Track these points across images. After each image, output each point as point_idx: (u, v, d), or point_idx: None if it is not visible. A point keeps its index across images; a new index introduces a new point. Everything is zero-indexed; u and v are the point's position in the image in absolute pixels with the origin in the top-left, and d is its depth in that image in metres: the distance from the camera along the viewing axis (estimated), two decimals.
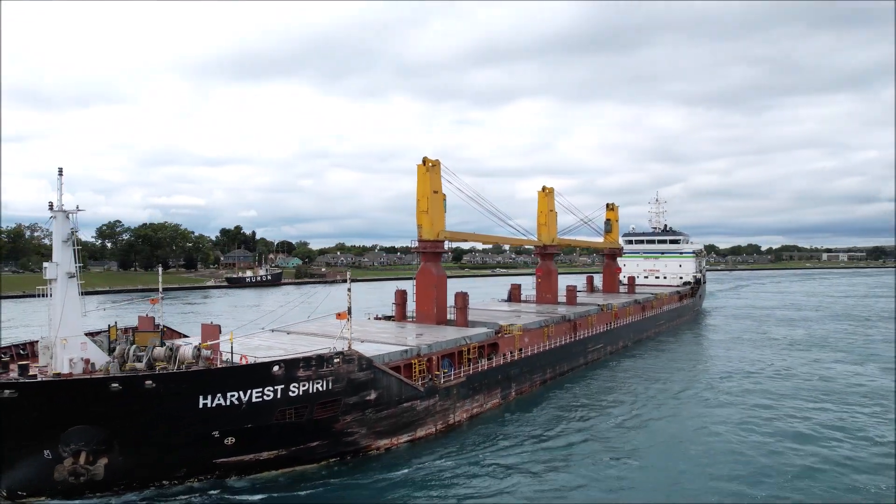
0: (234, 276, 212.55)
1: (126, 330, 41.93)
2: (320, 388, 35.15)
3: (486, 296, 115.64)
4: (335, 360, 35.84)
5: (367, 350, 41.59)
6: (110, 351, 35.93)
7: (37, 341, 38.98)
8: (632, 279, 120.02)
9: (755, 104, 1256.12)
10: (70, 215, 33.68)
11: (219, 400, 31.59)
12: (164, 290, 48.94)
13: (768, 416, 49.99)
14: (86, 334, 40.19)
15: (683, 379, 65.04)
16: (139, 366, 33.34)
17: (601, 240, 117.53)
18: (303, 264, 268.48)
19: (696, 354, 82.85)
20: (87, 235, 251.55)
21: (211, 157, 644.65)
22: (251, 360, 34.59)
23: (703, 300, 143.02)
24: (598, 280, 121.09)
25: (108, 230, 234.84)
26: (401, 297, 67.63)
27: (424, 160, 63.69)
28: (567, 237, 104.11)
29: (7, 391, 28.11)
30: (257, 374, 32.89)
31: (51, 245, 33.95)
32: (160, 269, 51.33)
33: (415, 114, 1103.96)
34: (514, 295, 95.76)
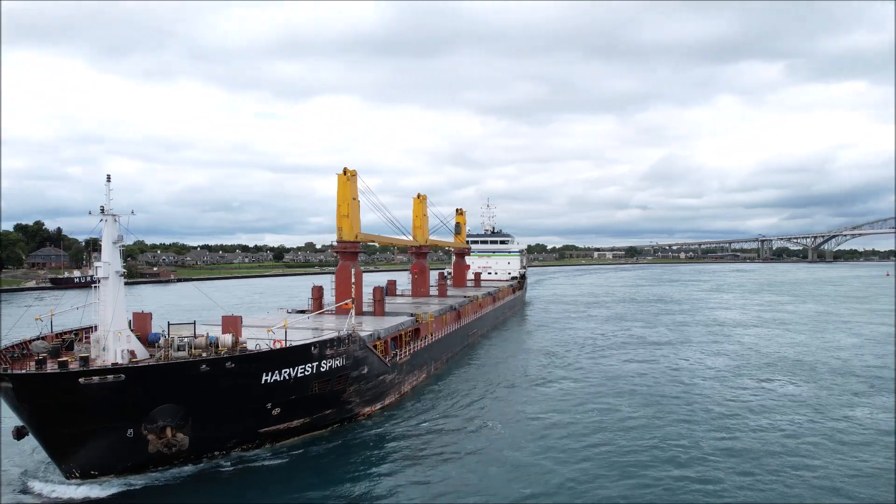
0: (60, 276, 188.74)
1: None
2: (339, 365, 41.19)
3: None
4: (346, 341, 42.12)
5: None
6: None
7: (29, 341, 39.19)
8: (478, 275, 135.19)
9: (539, 117, 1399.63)
10: (117, 218, 35.61)
11: (276, 376, 36.35)
12: None
13: (613, 356, 72.36)
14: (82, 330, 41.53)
15: (545, 344, 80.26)
16: (182, 354, 36.43)
17: (452, 240, 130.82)
18: (127, 263, 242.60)
19: (546, 330, 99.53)
20: None
21: None
22: (287, 345, 39.27)
23: (526, 292, 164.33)
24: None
25: None
26: (318, 291, 72.80)
27: (345, 170, 69.77)
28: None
29: (111, 376, 30.39)
30: (301, 353, 38.10)
31: None
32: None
33: (210, 102, 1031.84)
34: (390, 289, 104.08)
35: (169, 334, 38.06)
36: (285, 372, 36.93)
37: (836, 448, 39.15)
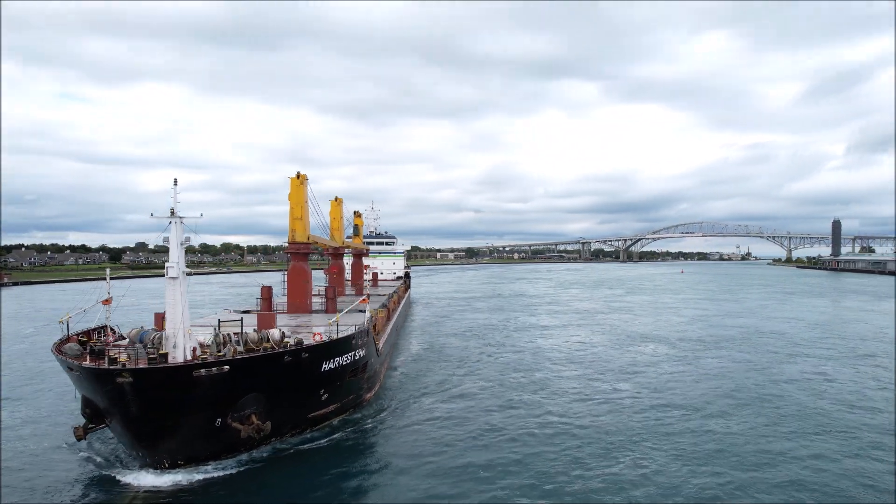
0: None
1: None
2: (363, 354, 45.01)
3: (239, 295, 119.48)
4: (367, 333, 46.07)
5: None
6: None
7: (60, 343, 38.18)
8: (375, 275, 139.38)
9: (380, 119, 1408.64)
10: (183, 221, 36.26)
11: (330, 364, 39.41)
12: None
13: (521, 335, 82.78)
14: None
15: (460, 331, 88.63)
16: (240, 348, 38.08)
17: (351, 241, 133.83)
18: None
19: (449, 321, 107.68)
20: None
21: None
22: (325, 339, 42.15)
23: (411, 290, 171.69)
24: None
25: None
26: (267, 291, 73.07)
27: (298, 174, 71.42)
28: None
29: (215, 368, 31.76)
30: (346, 344, 41.40)
31: None
32: (108, 270, 49.47)
33: None
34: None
35: (220, 330, 39.27)
36: (336, 360, 40.32)
37: (695, 380, 58.24)
